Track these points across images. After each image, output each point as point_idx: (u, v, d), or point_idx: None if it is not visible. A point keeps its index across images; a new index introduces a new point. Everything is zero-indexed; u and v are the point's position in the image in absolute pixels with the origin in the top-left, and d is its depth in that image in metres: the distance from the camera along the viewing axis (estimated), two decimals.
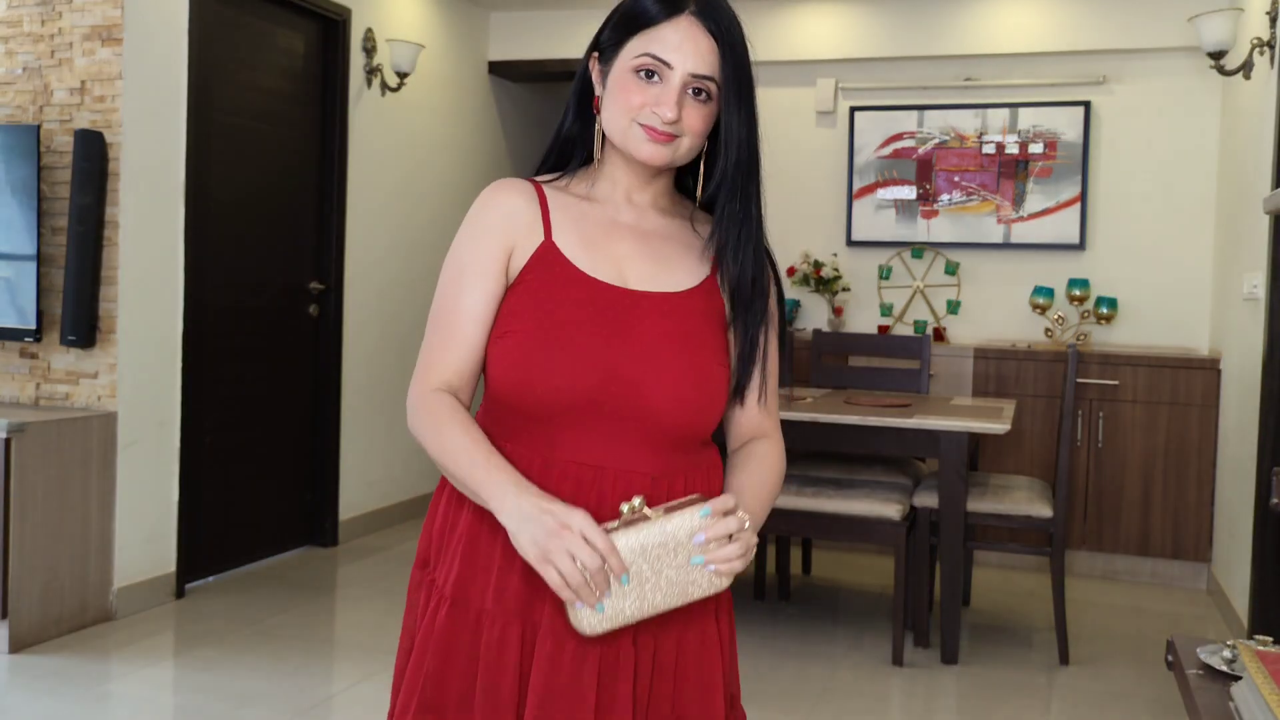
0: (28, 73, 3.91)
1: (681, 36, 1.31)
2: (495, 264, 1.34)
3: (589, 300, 1.32)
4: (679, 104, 1.31)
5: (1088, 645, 3.88)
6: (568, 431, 1.30)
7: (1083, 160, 5.17)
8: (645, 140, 1.32)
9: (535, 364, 1.29)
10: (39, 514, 3.52)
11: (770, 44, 5.62)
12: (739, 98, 1.38)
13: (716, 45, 1.32)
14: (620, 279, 1.35)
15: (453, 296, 1.34)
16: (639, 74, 1.32)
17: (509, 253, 1.34)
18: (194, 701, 3.14)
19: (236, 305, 4.40)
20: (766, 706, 3.22)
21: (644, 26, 1.32)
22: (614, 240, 1.37)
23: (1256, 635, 1.77)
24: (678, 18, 1.31)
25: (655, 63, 1.31)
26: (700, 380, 1.33)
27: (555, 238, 1.35)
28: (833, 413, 3.62)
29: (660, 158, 1.33)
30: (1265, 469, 3.73)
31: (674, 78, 1.31)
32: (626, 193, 1.40)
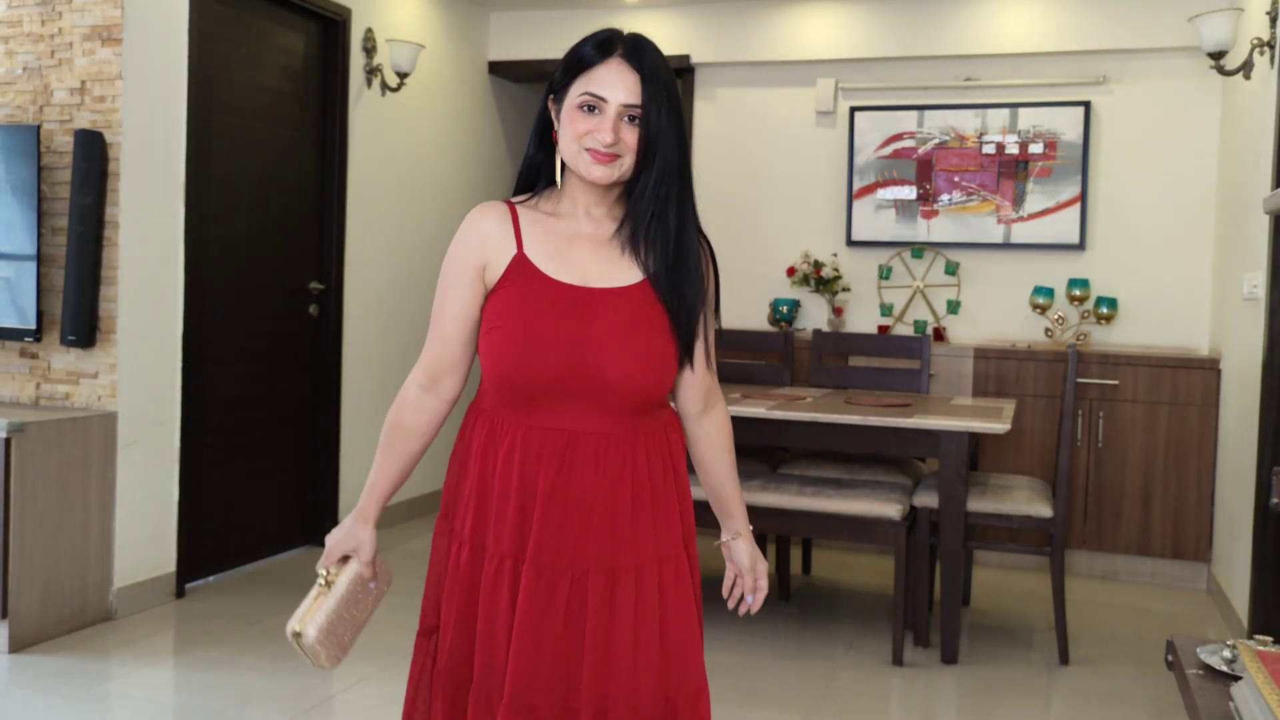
0: (28, 73, 3.91)
1: (613, 75, 1.61)
2: (471, 275, 1.66)
3: (555, 300, 1.61)
4: (615, 129, 1.60)
5: (1088, 645, 3.88)
6: (545, 405, 1.62)
7: (1083, 160, 5.17)
8: (592, 163, 1.61)
9: (515, 354, 1.60)
10: (39, 514, 3.52)
11: (770, 44, 5.63)
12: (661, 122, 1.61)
13: (641, 79, 1.61)
14: (582, 280, 1.64)
15: (439, 304, 1.69)
16: (582, 109, 1.62)
17: (484, 266, 1.66)
18: (194, 701, 3.14)
19: (236, 305, 4.40)
20: (766, 706, 3.22)
21: (584, 69, 1.63)
22: (575, 249, 1.66)
23: (1256, 635, 1.77)
24: (609, 60, 1.62)
25: (593, 99, 1.61)
26: (648, 358, 1.64)
27: (526, 250, 1.65)
28: (833, 413, 3.62)
29: (606, 176, 1.61)
30: (1265, 469, 3.73)
31: (609, 109, 1.60)
32: (585, 208, 1.68)
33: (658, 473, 1.69)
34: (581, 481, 1.62)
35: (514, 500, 1.63)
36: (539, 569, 1.61)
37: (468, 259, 1.66)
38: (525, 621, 1.59)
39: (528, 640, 1.59)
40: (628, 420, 1.65)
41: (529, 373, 1.60)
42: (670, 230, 1.65)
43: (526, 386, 1.61)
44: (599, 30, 1.69)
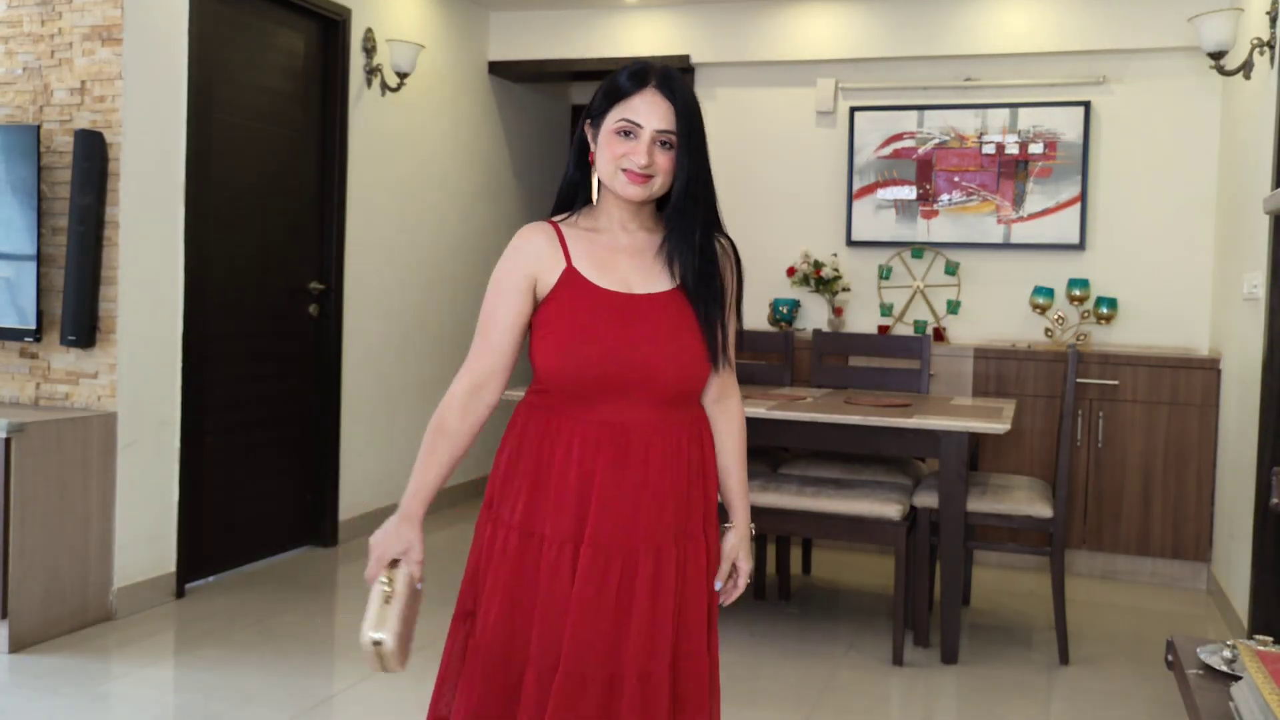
0: (28, 73, 3.91)
1: (648, 104, 1.79)
2: (522, 288, 1.83)
3: (605, 306, 1.80)
4: (649, 153, 1.79)
5: (1088, 645, 3.88)
6: (595, 401, 1.80)
7: (1083, 160, 5.17)
8: (628, 183, 1.80)
9: (569, 356, 1.79)
10: (39, 514, 3.52)
11: (770, 44, 5.63)
12: (689, 144, 1.81)
13: (673, 107, 1.79)
14: (625, 287, 1.83)
15: (489, 315, 1.84)
16: (619, 133, 1.80)
17: (535, 280, 1.83)
18: (194, 701, 3.15)
19: (236, 305, 4.40)
20: (766, 706, 3.22)
21: (621, 98, 1.80)
22: (617, 259, 1.85)
23: (1256, 635, 1.77)
24: (644, 90, 1.80)
25: (630, 124, 1.79)
26: (687, 356, 1.83)
27: (574, 263, 1.83)
28: (833, 413, 3.62)
29: (640, 195, 1.81)
30: (1265, 469, 3.73)
31: (644, 134, 1.79)
32: (621, 223, 1.87)
33: (694, 461, 1.87)
34: (632, 469, 1.80)
35: (573, 488, 1.79)
36: (595, 549, 1.77)
37: (519, 274, 1.83)
38: (582, 598, 1.76)
39: (584, 616, 1.76)
40: (669, 413, 1.84)
41: (585, 371, 1.78)
42: (695, 244, 1.83)
43: (582, 384, 1.79)
44: (634, 62, 1.85)
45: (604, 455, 1.79)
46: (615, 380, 1.79)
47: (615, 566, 1.78)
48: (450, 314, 5.81)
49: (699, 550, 1.87)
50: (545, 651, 1.76)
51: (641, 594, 1.78)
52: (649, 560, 1.79)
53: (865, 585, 4.62)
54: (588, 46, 5.92)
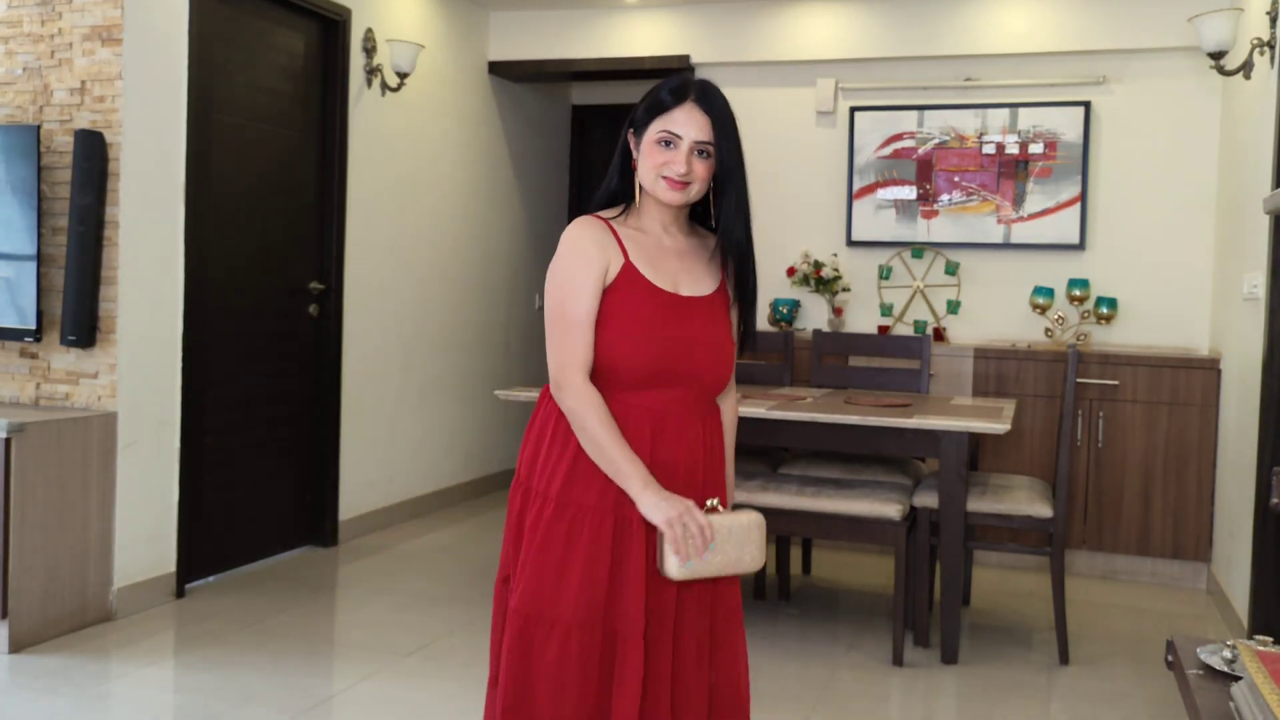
0: (28, 73, 3.91)
1: (687, 116, 1.93)
2: (596, 277, 1.93)
3: (660, 304, 1.95)
4: (688, 161, 1.93)
5: (1088, 645, 3.88)
6: (644, 389, 1.94)
7: (1083, 160, 5.17)
8: (668, 189, 1.94)
9: (624, 349, 1.92)
10: (39, 514, 3.52)
11: (770, 44, 5.63)
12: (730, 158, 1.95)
13: (711, 121, 1.93)
14: (674, 287, 1.98)
15: (573, 306, 1.92)
16: (660, 143, 1.94)
17: (606, 268, 1.94)
18: (194, 701, 3.14)
19: (236, 305, 4.40)
20: (766, 706, 3.22)
21: (662, 111, 1.95)
22: (666, 260, 2.00)
23: (1256, 635, 1.77)
24: (685, 104, 1.94)
25: (671, 135, 1.93)
26: (724, 353, 2.01)
27: (631, 259, 1.95)
28: (833, 413, 3.62)
29: (678, 199, 1.96)
30: (1265, 469, 3.73)
31: (683, 144, 1.93)
32: (664, 225, 2.01)
33: (713, 447, 2.04)
34: (669, 449, 1.95)
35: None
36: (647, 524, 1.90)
37: (593, 264, 1.93)
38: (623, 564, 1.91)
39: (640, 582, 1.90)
40: (700, 404, 2.01)
41: (639, 363, 1.93)
42: (742, 248, 2.03)
43: (633, 374, 1.93)
44: (673, 77, 2.00)
45: (644, 437, 1.94)
46: (666, 374, 1.94)
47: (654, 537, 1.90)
48: (451, 314, 5.81)
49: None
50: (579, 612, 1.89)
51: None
52: None
53: (865, 585, 4.62)
54: (588, 46, 5.92)
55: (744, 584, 4.50)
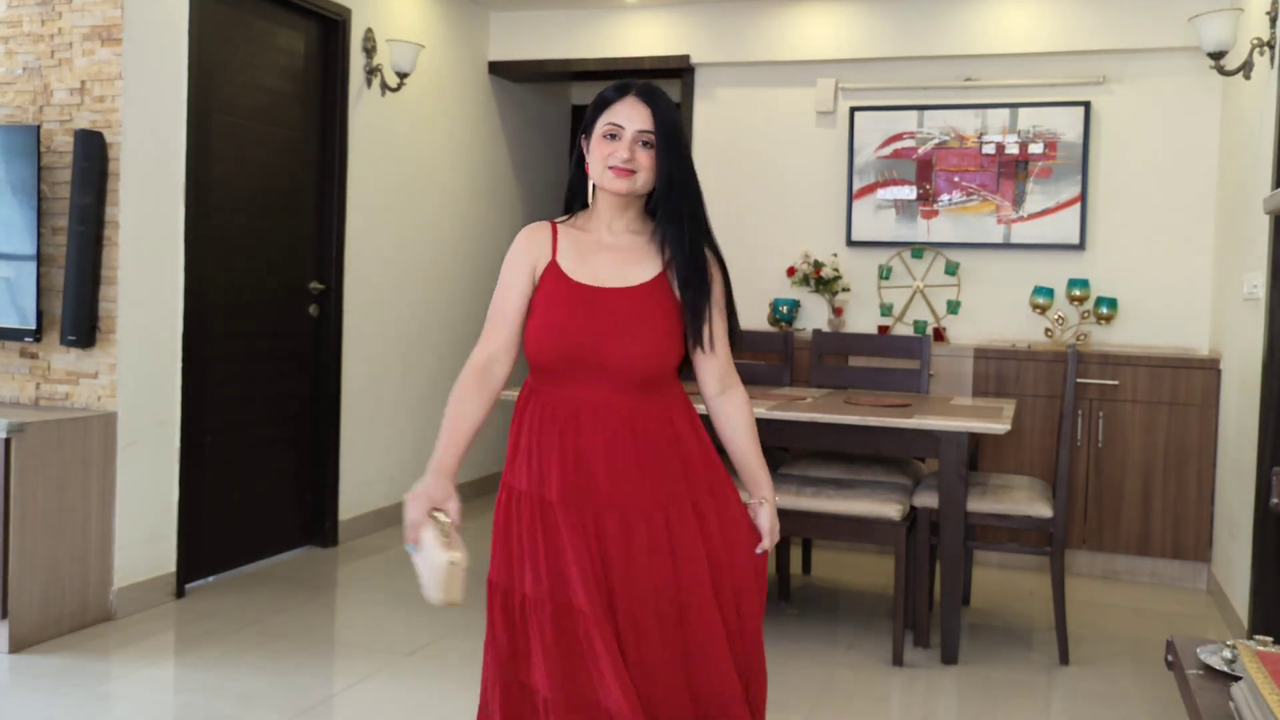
0: (28, 73, 3.91)
1: (630, 109, 2.04)
2: (525, 279, 2.07)
3: (572, 297, 2.04)
4: (632, 149, 2.03)
5: (1088, 645, 3.88)
6: (567, 379, 2.03)
7: (1083, 160, 5.17)
8: (614, 178, 2.03)
9: (540, 341, 2.04)
10: (39, 514, 3.52)
11: (770, 44, 5.63)
12: (668, 145, 2.04)
13: (651, 112, 2.04)
14: (595, 281, 2.05)
15: (500, 301, 2.09)
16: (606, 136, 2.05)
17: (533, 269, 2.08)
18: (194, 701, 3.14)
19: (236, 305, 4.40)
20: (767, 706, 3.22)
21: (606, 106, 2.07)
22: (596, 255, 2.08)
23: (1256, 635, 1.77)
24: (626, 98, 2.06)
25: (615, 127, 2.04)
26: (645, 344, 2.03)
27: (558, 259, 2.08)
28: (833, 413, 3.62)
29: (626, 188, 2.04)
30: (1265, 469, 3.73)
31: (626, 134, 2.03)
32: (607, 223, 2.10)
33: (660, 438, 2.05)
34: (587, 439, 2.01)
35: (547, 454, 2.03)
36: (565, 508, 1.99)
37: (522, 264, 2.09)
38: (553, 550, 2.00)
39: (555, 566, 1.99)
40: (633, 395, 2.04)
41: (550, 355, 2.03)
42: (685, 233, 2.06)
43: (550, 364, 2.04)
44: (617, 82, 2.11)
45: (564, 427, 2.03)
46: (576, 364, 2.02)
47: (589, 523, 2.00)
48: (450, 313, 5.81)
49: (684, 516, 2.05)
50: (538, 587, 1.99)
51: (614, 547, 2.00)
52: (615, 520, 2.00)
53: (865, 585, 4.62)
54: (588, 46, 5.92)
55: None
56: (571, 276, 2.05)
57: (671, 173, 2.04)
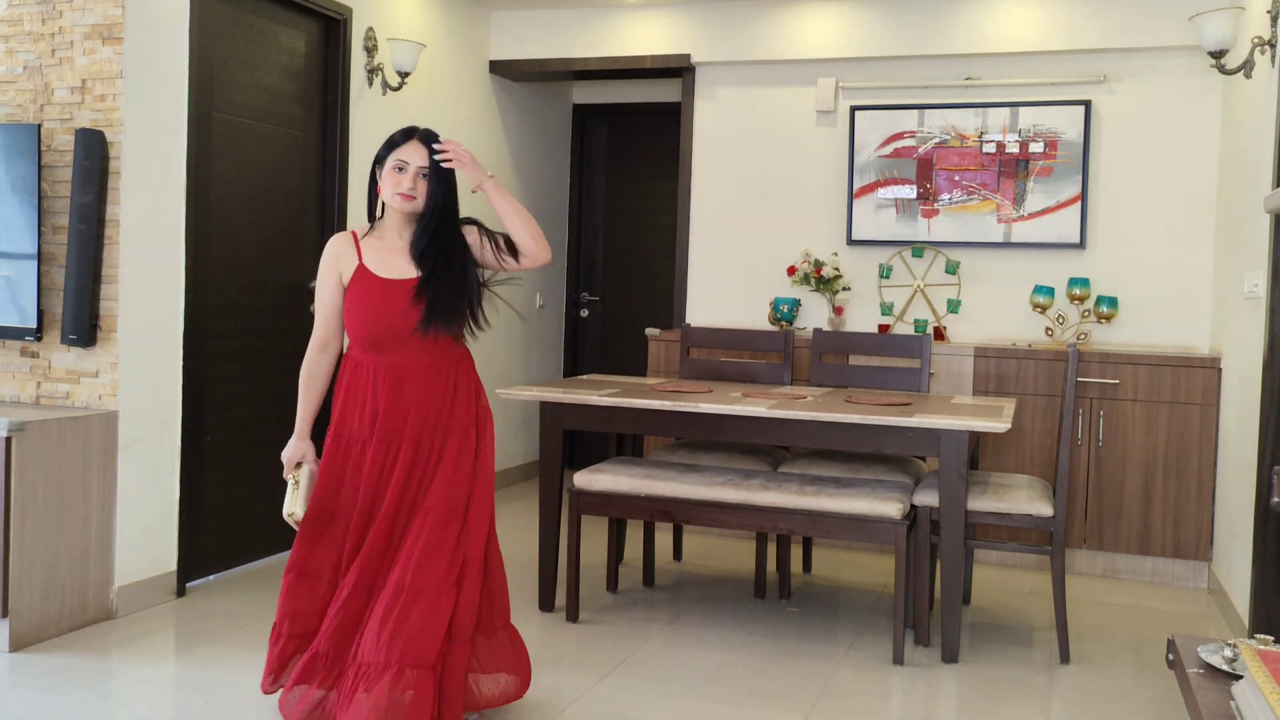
0: (28, 72, 3.91)
1: (413, 149, 2.86)
2: (334, 279, 2.89)
3: (379, 289, 2.83)
4: (415, 180, 2.84)
5: (1088, 644, 3.88)
6: (380, 350, 2.85)
7: (1083, 159, 5.17)
8: (402, 202, 2.85)
9: (360, 321, 2.84)
10: (39, 513, 3.52)
11: (770, 43, 5.63)
12: (442, 178, 2.86)
13: (428, 153, 2.85)
14: (398, 274, 2.84)
15: (319, 298, 2.90)
16: (395, 169, 2.85)
17: (339, 273, 2.88)
18: (194, 700, 3.15)
19: (237, 304, 4.40)
20: (766, 706, 3.22)
21: (396, 147, 2.87)
22: (393, 257, 2.87)
23: (1257, 634, 1.77)
24: (411, 141, 2.87)
25: (402, 162, 2.85)
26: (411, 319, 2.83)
27: (364, 260, 2.86)
28: (833, 411, 3.62)
29: (409, 208, 2.86)
30: (1266, 468, 3.73)
31: (410, 168, 2.84)
32: (398, 231, 2.90)
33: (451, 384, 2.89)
34: (403, 391, 2.83)
35: (369, 405, 2.85)
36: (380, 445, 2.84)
37: (331, 271, 2.89)
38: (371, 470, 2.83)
39: (372, 482, 2.82)
40: (429, 356, 2.85)
41: (368, 332, 2.84)
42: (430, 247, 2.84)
43: (369, 339, 2.84)
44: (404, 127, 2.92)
45: (384, 384, 2.83)
46: (388, 338, 2.82)
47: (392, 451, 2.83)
48: None
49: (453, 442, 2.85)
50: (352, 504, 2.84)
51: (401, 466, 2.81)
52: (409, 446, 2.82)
53: (865, 584, 4.63)
54: (589, 46, 5.92)
55: (745, 584, 4.50)
56: (376, 273, 2.83)
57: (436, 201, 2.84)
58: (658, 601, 4.28)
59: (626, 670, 3.47)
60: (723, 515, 3.79)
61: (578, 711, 3.11)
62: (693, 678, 3.43)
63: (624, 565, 4.73)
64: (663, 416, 3.84)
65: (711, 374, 4.81)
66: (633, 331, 6.95)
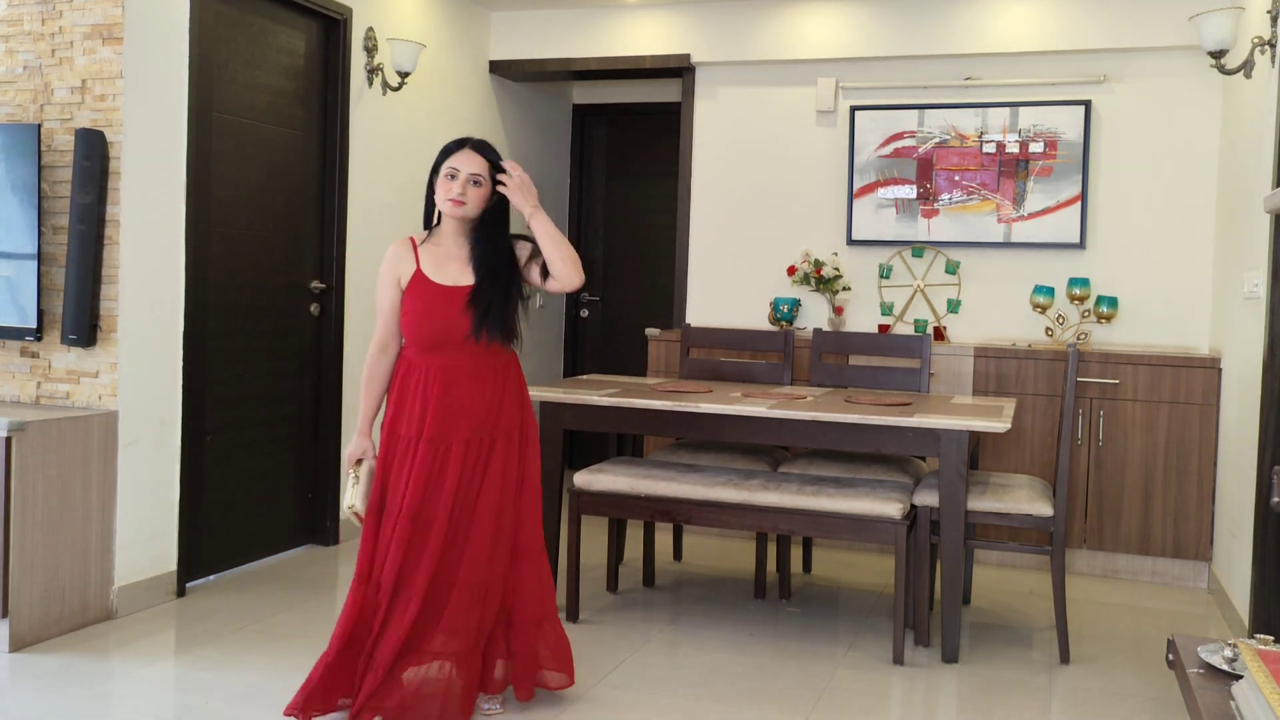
0: (28, 72, 3.91)
1: (464, 157, 2.99)
2: (394, 282, 3.01)
3: (437, 294, 2.96)
4: (464, 187, 2.96)
5: (1088, 644, 3.88)
6: (431, 351, 2.98)
7: (1083, 159, 5.17)
8: (452, 207, 2.96)
9: (415, 324, 2.98)
10: (40, 513, 3.52)
11: (770, 43, 5.63)
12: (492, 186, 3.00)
13: (483, 159, 3.00)
14: (453, 281, 2.98)
15: (380, 301, 3.03)
16: (447, 176, 2.98)
17: (399, 277, 3.00)
18: (194, 700, 3.15)
19: (237, 304, 4.40)
20: (766, 706, 3.22)
21: (448, 155, 3.01)
22: (449, 264, 3.00)
23: (1257, 634, 1.77)
24: (463, 150, 3.01)
25: (451, 169, 2.98)
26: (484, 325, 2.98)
27: (421, 266, 2.99)
28: (833, 411, 3.62)
29: (458, 213, 2.98)
30: (1266, 468, 3.73)
31: (461, 175, 2.97)
32: (452, 239, 3.03)
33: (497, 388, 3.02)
34: (452, 392, 2.96)
35: (419, 405, 2.95)
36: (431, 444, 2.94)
37: (390, 275, 3.02)
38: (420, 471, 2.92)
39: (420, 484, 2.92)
40: (480, 359, 2.99)
41: (424, 335, 2.97)
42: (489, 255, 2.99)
43: (424, 342, 2.97)
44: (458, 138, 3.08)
45: (435, 385, 2.95)
46: (442, 341, 2.95)
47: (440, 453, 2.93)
48: None
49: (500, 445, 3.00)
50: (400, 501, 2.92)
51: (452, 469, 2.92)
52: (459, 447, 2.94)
53: (865, 585, 4.63)
54: (589, 46, 5.92)
55: (745, 584, 4.50)
56: (433, 279, 2.96)
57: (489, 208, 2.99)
58: (658, 601, 4.28)
59: (626, 670, 3.47)
60: (723, 515, 3.79)
61: (578, 711, 3.11)
62: (693, 678, 3.43)
63: (624, 565, 4.73)
64: (663, 416, 3.84)
65: (711, 374, 4.81)
66: (633, 331, 6.95)
